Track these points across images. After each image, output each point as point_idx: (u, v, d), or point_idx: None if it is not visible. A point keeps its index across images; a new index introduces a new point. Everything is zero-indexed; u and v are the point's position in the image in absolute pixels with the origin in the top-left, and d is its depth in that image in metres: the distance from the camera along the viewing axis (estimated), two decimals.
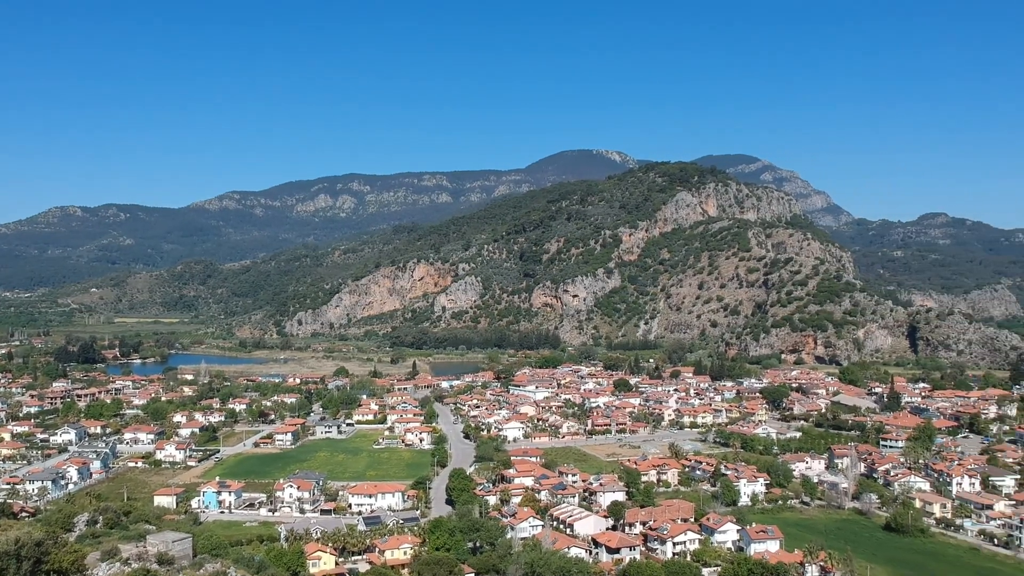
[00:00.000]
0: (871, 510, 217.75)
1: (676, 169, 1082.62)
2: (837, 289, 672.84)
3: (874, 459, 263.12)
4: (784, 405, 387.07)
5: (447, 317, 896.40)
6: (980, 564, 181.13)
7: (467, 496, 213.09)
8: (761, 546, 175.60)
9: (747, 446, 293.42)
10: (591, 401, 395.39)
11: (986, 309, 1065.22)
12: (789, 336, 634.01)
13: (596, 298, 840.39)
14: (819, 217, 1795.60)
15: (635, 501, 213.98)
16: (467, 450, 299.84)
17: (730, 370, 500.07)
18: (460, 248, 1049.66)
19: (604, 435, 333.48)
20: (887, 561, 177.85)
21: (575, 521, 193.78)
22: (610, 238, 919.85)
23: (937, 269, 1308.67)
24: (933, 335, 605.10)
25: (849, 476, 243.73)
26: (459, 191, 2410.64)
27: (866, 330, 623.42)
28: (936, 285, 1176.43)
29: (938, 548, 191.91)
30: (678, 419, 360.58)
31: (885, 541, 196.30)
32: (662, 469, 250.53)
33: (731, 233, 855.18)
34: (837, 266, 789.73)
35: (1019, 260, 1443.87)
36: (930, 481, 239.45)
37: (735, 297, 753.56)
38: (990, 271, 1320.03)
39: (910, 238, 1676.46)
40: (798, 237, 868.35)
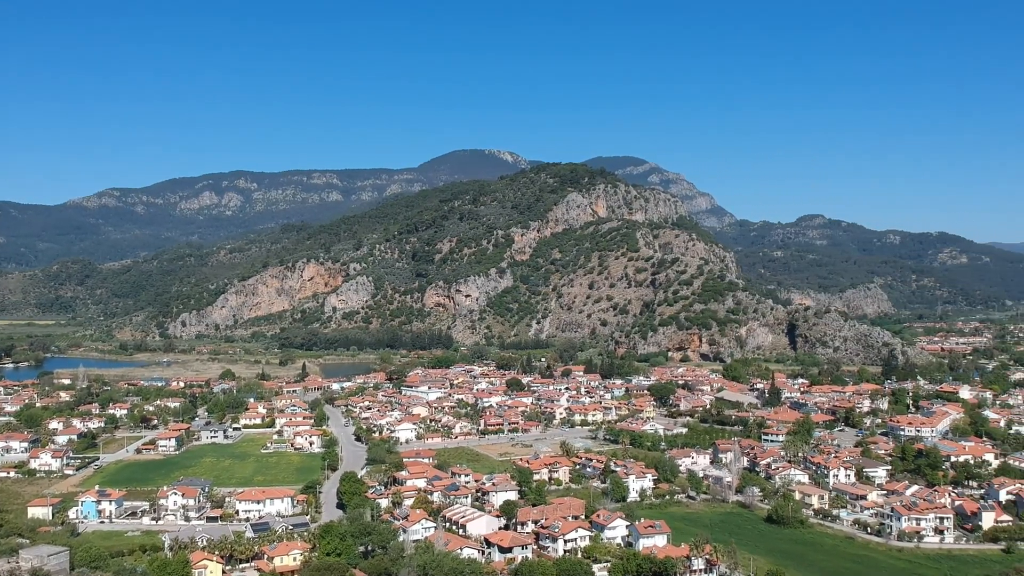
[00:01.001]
0: (754, 503, 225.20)
1: (567, 170, 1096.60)
2: (721, 288, 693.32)
3: (756, 453, 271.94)
4: (671, 402, 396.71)
5: (338, 318, 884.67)
6: (855, 552, 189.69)
7: (358, 499, 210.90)
8: (649, 541, 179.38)
9: (636, 442, 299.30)
10: (484, 401, 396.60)
11: (860, 307, 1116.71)
12: (676, 334, 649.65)
13: (489, 298, 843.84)
14: (704, 218, 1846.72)
15: (527, 500, 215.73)
16: (358, 453, 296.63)
17: (619, 368, 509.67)
18: (351, 248, 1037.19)
19: (497, 435, 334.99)
20: (768, 552, 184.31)
21: (468, 522, 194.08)
22: (502, 238, 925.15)
23: (815, 269, 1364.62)
24: (811, 332, 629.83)
25: (733, 470, 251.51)
26: (350, 189, 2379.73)
27: (748, 328, 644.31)
28: (814, 284, 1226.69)
29: (816, 538, 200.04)
30: (569, 417, 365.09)
31: (767, 532, 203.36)
32: (554, 467, 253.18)
33: (620, 234, 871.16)
34: (721, 266, 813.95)
35: (890, 260, 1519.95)
36: (809, 473, 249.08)
37: (624, 296, 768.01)
38: (864, 271, 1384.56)
39: (789, 239, 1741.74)
40: (684, 238, 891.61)
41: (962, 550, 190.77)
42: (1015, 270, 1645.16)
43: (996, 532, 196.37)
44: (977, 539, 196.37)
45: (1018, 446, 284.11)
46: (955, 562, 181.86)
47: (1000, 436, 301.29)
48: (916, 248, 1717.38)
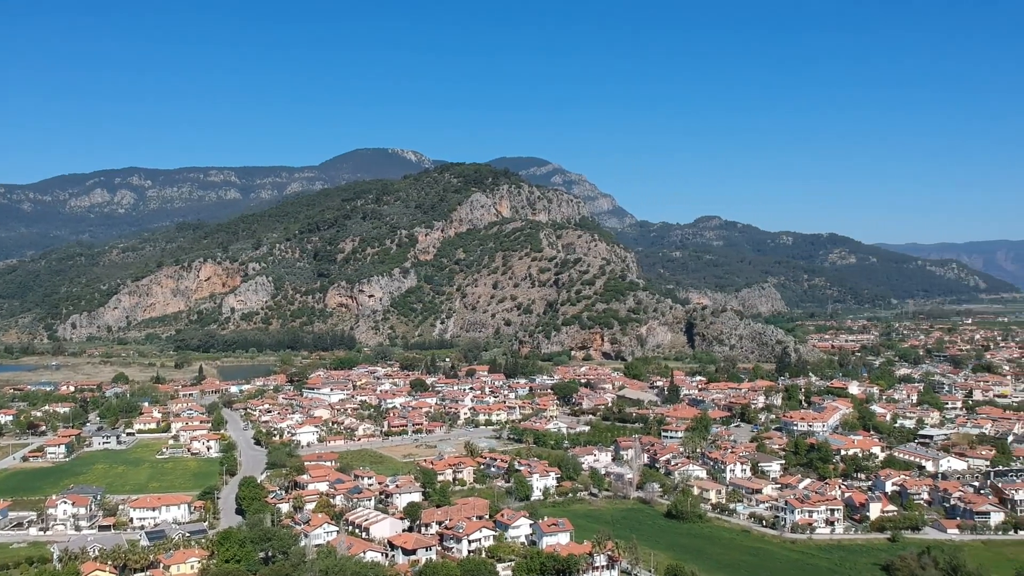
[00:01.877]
0: (654, 498, 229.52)
1: (471, 170, 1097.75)
2: (622, 288, 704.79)
3: (656, 450, 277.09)
4: (574, 400, 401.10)
5: (236, 319, 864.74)
6: (750, 545, 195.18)
7: (258, 505, 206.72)
8: (553, 539, 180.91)
9: (539, 441, 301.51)
10: (387, 402, 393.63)
11: (755, 306, 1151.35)
12: (578, 333, 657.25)
13: (392, 298, 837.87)
14: (606, 219, 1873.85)
15: (431, 501, 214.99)
16: (258, 457, 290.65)
17: (523, 367, 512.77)
18: (250, 247, 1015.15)
19: (401, 436, 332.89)
20: (668, 547, 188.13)
21: (371, 525, 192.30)
22: (406, 238, 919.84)
23: (712, 269, 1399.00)
24: (708, 331, 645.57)
25: (634, 467, 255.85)
26: (249, 187, 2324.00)
27: (648, 327, 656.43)
28: (711, 284, 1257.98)
29: (714, 532, 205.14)
30: (474, 417, 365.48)
31: (667, 528, 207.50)
32: (458, 468, 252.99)
33: (524, 234, 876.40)
34: (622, 266, 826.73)
35: (783, 260, 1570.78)
36: (707, 469, 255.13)
37: (528, 296, 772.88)
38: (758, 271, 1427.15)
39: (688, 239, 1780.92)
40: (586, 238, 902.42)
41: (851, 540, 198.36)
42: (900, 270, 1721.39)
43: (883, 522, 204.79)
44: (865, 529, 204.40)
45: (903, 439, 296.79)
46: (845, 552, 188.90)
47: (886, 430, 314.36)
48: (808, 249, 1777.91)
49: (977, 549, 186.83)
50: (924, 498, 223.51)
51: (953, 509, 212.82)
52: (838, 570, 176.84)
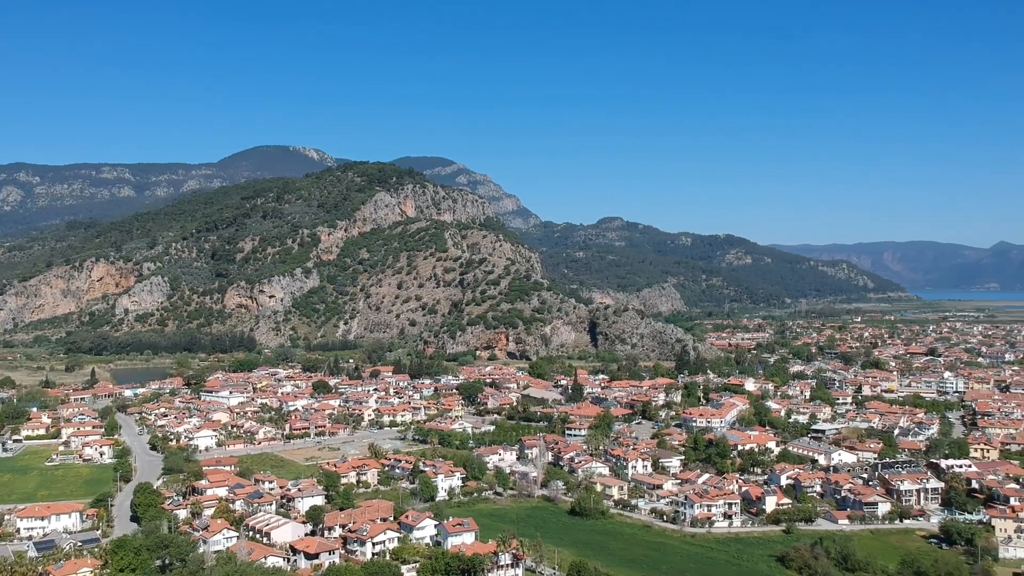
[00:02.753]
0: (558, 496, 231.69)
1: (375, 169, 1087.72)
2: (527, 288, 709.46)
3: (560, 448, 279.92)
4: (479, 400, 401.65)
5: (130, 320, 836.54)
6: (651, 539, 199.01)
7: (154, 511, 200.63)
8: (458, 539, 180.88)
9: (445, 442, 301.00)
10: (289, 405, 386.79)
11: (655, 305, 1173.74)
12: (484, 333, 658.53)
13: (294, 298, 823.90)
14: (510, 219, 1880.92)
15: (335, 504, 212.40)
16: (154, 463, 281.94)
17: (428, 368, 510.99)
18: (145, 246, 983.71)
19: (303, 439, 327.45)
20: (572, 544, 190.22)
21: (272, 529, 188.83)
22: (308, 237, 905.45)
23: (614, 269, 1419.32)
24: (611, 330, 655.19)
25: (538, 465, 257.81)
26: (143, 185, 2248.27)
27: (553, 326, 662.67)
28: (613, 284, 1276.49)
29: (616, 528, 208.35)
30: (378, 419, 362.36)
31: (570, 525, 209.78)
32: (362, 470, 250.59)
33: (429, 234, 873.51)
34: (527, 266, 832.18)
35: (682, 261, 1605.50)
36: (609, 465, 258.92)
37: (433, 296, 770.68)
38: (659, 271, 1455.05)
39: (591, 240, 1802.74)
40: (491, 239, 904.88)
41: (748, 533, 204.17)
42: (793, 270, 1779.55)
43: (778, 515, 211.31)
44: (761, 522, 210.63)
45: (797, 434, 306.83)
46: (742, 545, 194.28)
47: (781, 425, 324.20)
48: (706, 249, 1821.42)
49: (866, 539, 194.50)
50: (817, 490, 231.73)
51: (844, 500, 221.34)
52: (736, 563, 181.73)
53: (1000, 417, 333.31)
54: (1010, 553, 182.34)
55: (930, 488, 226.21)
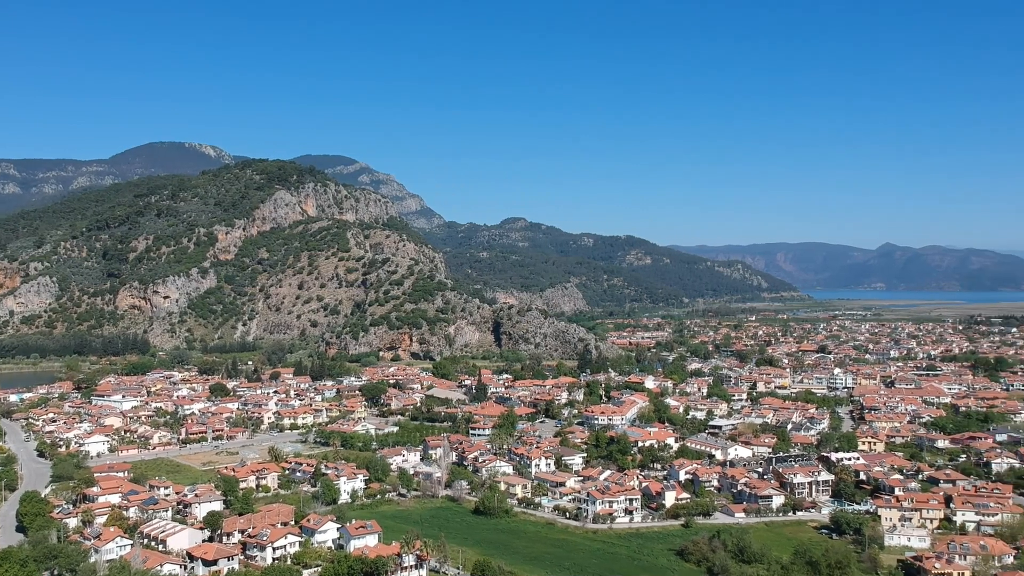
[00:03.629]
0: (462, 496, 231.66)
1: (275, 167, 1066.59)
2: (431, 288, 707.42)
3: (465, 448, 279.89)
4: (382, 401, 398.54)
5: (16, 322, 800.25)
6: (555, 536, 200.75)
7: (42, 521, 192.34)
8: (361, 542, 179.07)
9: (347, 444, 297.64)
10: (185, 408, 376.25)
11: (558, 305, 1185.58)
12: (387, 334, 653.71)
13: (190, 299, 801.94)
14: (414, 219, 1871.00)
15: (233, 509, 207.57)
16: (42, 470, 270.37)
17: (330, 369, 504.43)
18: (32, 245, 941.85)
19: (200, 443, 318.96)
20: (476, 543, 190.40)
21: (168, 536, 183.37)
22: (205, 236, 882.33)
23: (518, 269, 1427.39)
24: (514, 329, 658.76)
25: (442, 465, 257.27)
26: (30, 181, 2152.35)
27: (457, 326, 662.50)
28: (517, 284, 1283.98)
29: (520, 526, 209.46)
30: (278, 422, 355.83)
31: (475, 524, 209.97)
32: (261, 474, 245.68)
33: (331, 233, 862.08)
34: (430, 266, 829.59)
35: (584, 261, 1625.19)
36: (513, 464, 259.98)
37: (335, 297, 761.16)
38: (561, 271, 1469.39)
39: (494, 240, 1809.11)
40: (395, 239, 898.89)
41: (648, 528, 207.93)
42: (691, 270, 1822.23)
43: (677, 509, 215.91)
44: (661, 516, 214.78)
45: (695, 430, 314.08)
46: (642, 539, 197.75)
47: (679, 421, 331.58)
48: (607, 250, 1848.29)
49: (761, 531, 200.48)
50: (714, 485, 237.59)
51: (740, 494, 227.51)
52: (636, 557, 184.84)
53: (886, 411, 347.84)
54: (895, 541, 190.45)
55: (821, 480, 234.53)
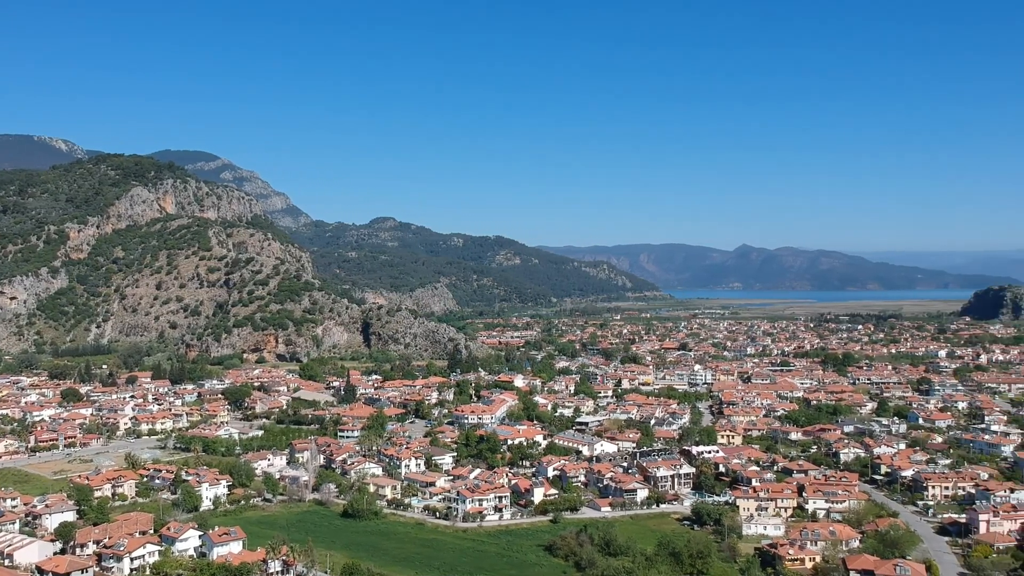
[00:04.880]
0: (330, 499, 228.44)
1: (131, 163, 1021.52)
2: (297, 288, 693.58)
3: (333, 450, 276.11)
4: (247, 405, 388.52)
5: None
6: (425, 537, 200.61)
7: None
8: (224, 548, 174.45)
9: (209, 449, 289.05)
10: (34, 415, 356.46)
11: (428, 305, 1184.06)
12: (251, 335, 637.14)
13: (39, 300, 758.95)
14: (279, 218, 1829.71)
15: (87, 519, 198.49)
16: None
17: (191, 372, 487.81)
18: None
19: (50, 451, 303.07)
20: (345, 546, 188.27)
21: (16, 550, 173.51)
22: (55, 234, 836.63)
23: (387, 269, 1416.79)
24: (384, 330, 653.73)
25: (309, 469, 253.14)
26: None
27: (324, 327, 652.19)
28: (386, 284, 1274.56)
29: (390, 527, 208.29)
30: (135, 427, 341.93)
31: (343, 527, 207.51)
32: (117, 482, 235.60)
33: (191, 232, 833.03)
34: (297, 266, 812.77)
35: (454, 261, 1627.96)
36: (383, 465, 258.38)
37: (196, 297, 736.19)
38: (431, 271, 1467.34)
39: (363, 240, 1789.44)
40: (259, 237, 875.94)
41: (517, 524, 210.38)
42: (559, 270, 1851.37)
43: (545, 505, 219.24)
44: (530, 513, 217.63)
45: (562, 427, 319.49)
46: (512, 536, 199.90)
47: (548, 419, 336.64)
48: (477, 250, 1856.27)
49: (626, 524, 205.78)
50: (581, 480, 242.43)
51: (606, 488, 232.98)
52: (506, 554, 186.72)
53: (743, 406, 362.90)
54: (752, 530, 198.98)
55: (683, 473, 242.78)
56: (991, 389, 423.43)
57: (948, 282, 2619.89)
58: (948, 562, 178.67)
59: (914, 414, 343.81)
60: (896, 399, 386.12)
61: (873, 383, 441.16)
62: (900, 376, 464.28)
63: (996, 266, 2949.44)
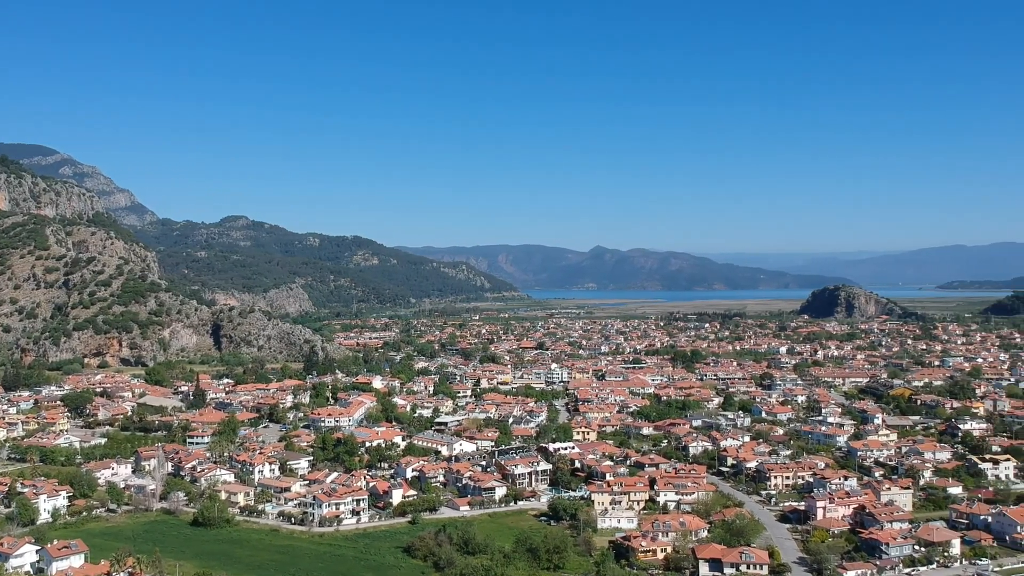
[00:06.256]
0: (179, 508, 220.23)
1: None
2: (142, 289, 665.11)
3: (182, 457, 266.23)
4: (88, 412, 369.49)
5: None
6: (279, 543, 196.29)
7: None
8: (64, 563, 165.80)
9: (48, 459, 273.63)
10: None
11: (283, 306, 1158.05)
12: (93, 339, 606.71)
13: None
14: (123, 216, 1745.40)
15: None
16: None
17: (27, 378, 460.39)
18: None
19: None
20: (195, 556, 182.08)
21: None
22: None
23: (239, 269, 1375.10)
24: (236, 332, 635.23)
25: (156, 477, 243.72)
26: None
27: (172, 330, 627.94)
28: (238, 284, 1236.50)
29: (243, 535, 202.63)
30: None
31: (193, 536, 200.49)
32: None
33: (27, 230, 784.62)
34: (142, 266, 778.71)
35: (310, 261, 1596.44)
36: (235, 472, 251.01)
37: (32, 299, 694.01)
38: (286, 271, 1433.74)
39: (214, 239, 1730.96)
40: (101, 236, 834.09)
41: (376, 527, 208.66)
42: (418, 271, 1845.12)
43: (404, 507, 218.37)
44: (389, 515, 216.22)
45: (422, 427, 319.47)
46: (370, 539, 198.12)
47: (407, 420, 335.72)
48: (334, 250, 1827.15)
49: (485, 522, 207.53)
50: (441, 480, 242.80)
51: (465, 488, 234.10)
52: (363, 557, 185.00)
53: (598, 403, 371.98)
54: (606, 523, 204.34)
55: (540, 470, 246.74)
56: (827, 383, 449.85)
57: (788, 282, 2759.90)
58: (789, 547, 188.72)
59: (757, 408, 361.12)
60: (741, 394, 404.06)
61: (719, 379, 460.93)
62: (744, 372, 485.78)
63: (832, 267, 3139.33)
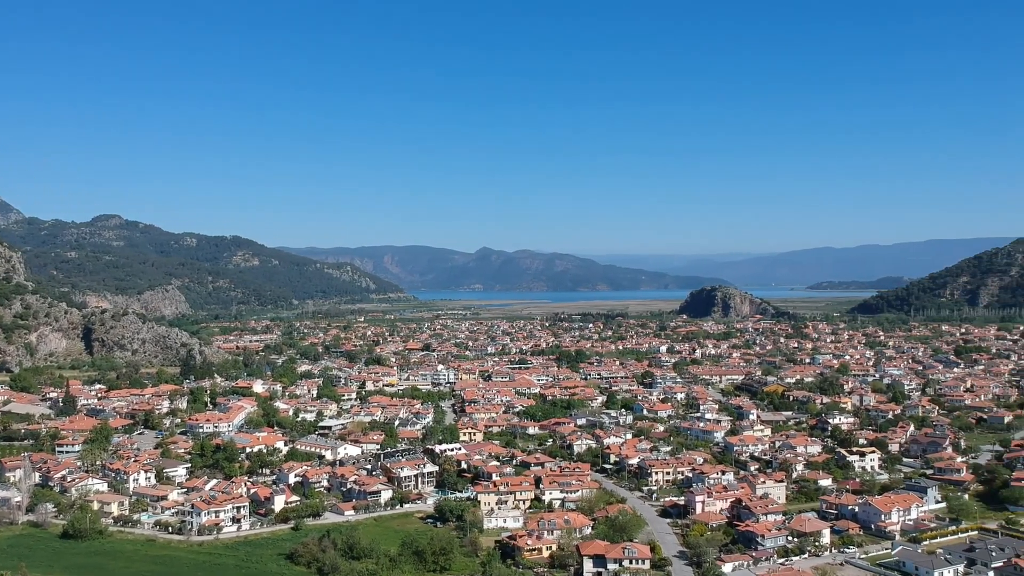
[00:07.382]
0: (47, 520, 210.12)
1: None
2: (7, 292, 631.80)
3: (50, 467, 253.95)
4: None
5: None
6: (156, 554, 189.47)
7: None
8: None
9: None
10: None
11: (159, 309, 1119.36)
12: None
13: None
14: None
15: None
16: None
17: None
18: None
19: None
20: (65, 570, 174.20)
21: None
22: None
23: (112, 270, 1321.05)
24: (108, 336, 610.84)
25: (22, 488, 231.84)
26: None
27: (39, 334, 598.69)
28: (111, 286, 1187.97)
29: (117, 546, 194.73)
30: None
31: (63, 549, 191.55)
32: None
33: None
34: (7, 267, 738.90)
35: (187, 262, 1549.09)
36: (108, 481, 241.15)
37: None
38: (162, 272, 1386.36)
39: (84, 239, 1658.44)
40: None
41: (257, 534, 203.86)
42: (301, 272, 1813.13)
43: (287, 513, 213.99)
44: (271, 522, 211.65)
45: (305, 431, 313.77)
46: (251, 547, 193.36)
47: (289, 424, 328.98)
48: (212, 251, 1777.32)
49: (370, 526, 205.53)
50: (324, 485, 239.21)
51: (350, 492, 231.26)
52: (244, 565, 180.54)
53: (484, 403, 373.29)
54: (493, 523, 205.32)
55: (426, 472, 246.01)
56: (705, 381, 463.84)
57: (668, 283, 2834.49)
58: (670, 542, 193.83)
59: (639, 406, 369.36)
60: (623, 392, 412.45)
61: (603, 378, 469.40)
62: (627, 371, 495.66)
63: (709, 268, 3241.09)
